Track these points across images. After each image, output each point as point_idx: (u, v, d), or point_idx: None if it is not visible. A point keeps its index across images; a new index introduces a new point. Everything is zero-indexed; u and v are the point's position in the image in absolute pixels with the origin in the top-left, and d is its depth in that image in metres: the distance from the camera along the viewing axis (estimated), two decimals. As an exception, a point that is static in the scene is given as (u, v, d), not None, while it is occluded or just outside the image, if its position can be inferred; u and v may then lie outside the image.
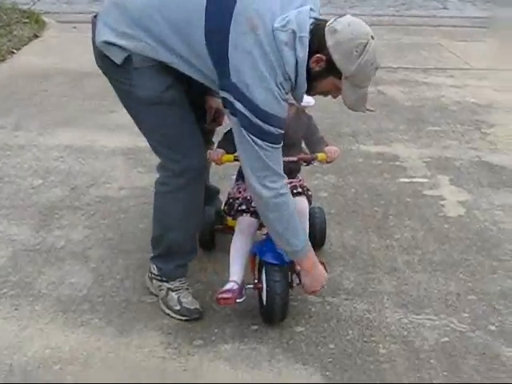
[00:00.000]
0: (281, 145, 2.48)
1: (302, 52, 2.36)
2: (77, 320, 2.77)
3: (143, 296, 2.94)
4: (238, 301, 2.72)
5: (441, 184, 4.10)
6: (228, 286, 2.74)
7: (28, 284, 2.99)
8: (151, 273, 2.90)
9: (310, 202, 2.99)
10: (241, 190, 2.91)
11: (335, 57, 2.37)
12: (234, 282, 2.76)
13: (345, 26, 2.37)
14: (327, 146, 2.87)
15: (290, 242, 2.58)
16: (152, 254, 2.89)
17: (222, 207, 3.06)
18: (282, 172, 2.51)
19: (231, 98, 2.39)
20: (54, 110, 5.17)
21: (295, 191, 2.89)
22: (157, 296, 2.88)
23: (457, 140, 4.79)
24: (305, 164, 2.91)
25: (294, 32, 2.35)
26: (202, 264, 3.16)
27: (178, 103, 2.60)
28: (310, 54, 2.39)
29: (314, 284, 2.72)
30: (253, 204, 2.78)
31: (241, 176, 2.88)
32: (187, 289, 2.85)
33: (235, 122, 2.44)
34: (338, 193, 3.93)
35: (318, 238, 3.22)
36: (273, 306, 2.69)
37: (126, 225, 3.53)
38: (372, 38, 2.39)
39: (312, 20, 2.40)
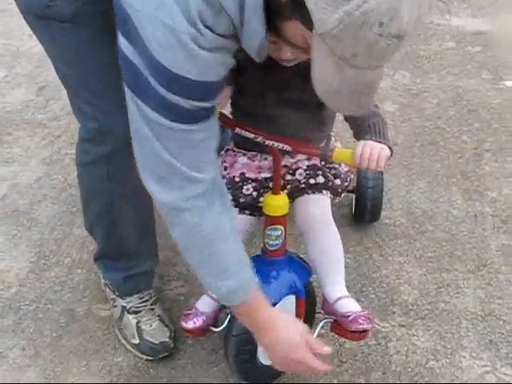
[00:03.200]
0: (201, 125, 1.25)
1: None
2: (-10, 348, 1.86)
3: (96, 303, 1.97)
4: (213, 330, 1.68)
5: None
6: (199, 306, 1.67)
7: None
8: (103, 276, 1.92)
9: (338, 193, 1.76)
10: (226, 164, 1.75)
11: None
12: (211, 297, 1.68)
13: None
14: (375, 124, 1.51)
15: (204, 279, 1.43)
16: None
17: None
18: (200, 172, 1.29)
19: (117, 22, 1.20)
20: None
21: (305, 183, 1.69)
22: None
23: None
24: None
25: None
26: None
27: (91, 24, 1.43)
28: None
29: (280, 362, 1.53)
30: (245, 191, 1.70)
31: (235, 136, 1.74)
32: (152, 309, 1.86)
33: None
34: (412, 105, 2.72)
35: (367, 217, 2.14)
36: (227, 357, 1.68)
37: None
38: None
39: None
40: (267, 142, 1.50)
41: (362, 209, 2.13)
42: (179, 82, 1.17)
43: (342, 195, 1.79)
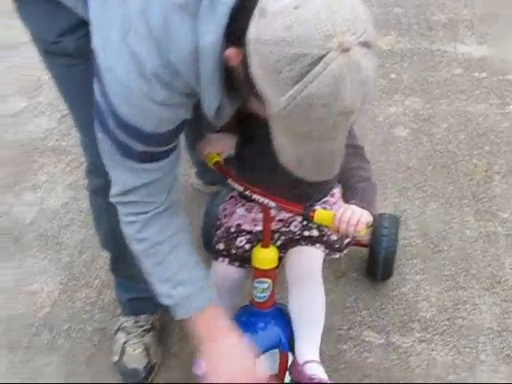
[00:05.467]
0: (154, 164, 1.34)
1: (211, 31, 1.13)
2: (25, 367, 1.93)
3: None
4: None
5: None
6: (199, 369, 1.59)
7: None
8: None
9: (336, 249, 1.71)
10: (226, 212, 1.78)
11: (254, 69, 1.09)
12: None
13: (285, 8, 1.04)
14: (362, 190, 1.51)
15: (159, 286, 1.48)
16: None
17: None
18: (159, 195, 1.40)
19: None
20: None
21: (299, 234, 1.69)
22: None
23: None
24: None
25: None
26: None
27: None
28: (229, 37, 1.14)
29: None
30: (238, 243, 1.72)
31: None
32: (142, 335, 1.91)
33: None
34: (423, 130, 2.81)
35: (379, 273, 2.14)
36: None
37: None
38: (343, 48, 1.02)
39: None
40: (254, 197, 1.49)
41: (373, 267, 2.13)
42: (135, 131, 1.25)
43: (345, 251, 1.75)
